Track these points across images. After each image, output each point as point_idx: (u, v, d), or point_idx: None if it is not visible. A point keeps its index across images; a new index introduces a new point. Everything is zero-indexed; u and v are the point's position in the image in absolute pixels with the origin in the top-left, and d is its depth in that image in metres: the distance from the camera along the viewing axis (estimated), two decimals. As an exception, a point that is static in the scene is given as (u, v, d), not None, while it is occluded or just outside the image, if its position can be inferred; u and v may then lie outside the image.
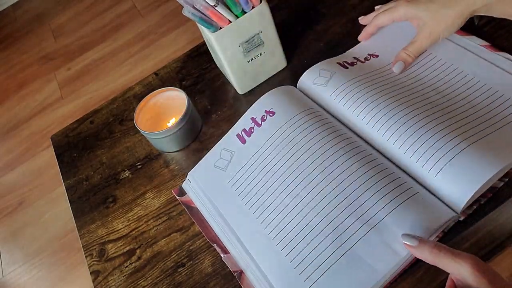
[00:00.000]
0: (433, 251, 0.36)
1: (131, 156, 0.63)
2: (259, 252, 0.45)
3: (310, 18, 0.69)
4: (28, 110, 1.89)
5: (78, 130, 0.70)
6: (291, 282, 0.41)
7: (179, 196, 0.55)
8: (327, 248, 0.41)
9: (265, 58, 0.61)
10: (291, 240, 0.43)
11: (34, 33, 2.29)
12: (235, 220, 0.48)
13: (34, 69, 2.07)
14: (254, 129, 0.52)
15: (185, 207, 0.54)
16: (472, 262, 0.33)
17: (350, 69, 0.54)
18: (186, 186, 0.55)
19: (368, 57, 0.57)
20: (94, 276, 0.52)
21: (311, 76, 0.56)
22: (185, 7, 0.51)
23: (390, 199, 0.40)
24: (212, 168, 0.53)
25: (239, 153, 0.52)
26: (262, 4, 0.55)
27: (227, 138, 0.54)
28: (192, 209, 0.53)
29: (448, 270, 0.35)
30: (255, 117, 0.53)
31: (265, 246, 0.44)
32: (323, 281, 0.40)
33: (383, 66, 0.54)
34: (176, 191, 0.56)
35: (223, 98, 0.65)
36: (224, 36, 0.55)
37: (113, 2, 2.23)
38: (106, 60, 1.93)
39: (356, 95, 0.50)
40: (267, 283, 0.43)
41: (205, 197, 0.52)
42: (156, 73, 0.72)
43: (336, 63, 0.56)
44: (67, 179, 0.64)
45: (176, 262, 0.51)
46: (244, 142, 0.52)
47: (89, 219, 0.58)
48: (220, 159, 0.53)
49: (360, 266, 0.39)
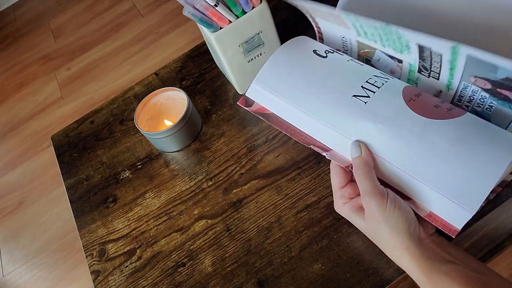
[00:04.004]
0: (360, 168, 0.40)
1: (131, 156, 0.63)
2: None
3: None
4: (28, 110, 1.89)
5: (78, 130, 0.70)
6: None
7: (247, 107, 0.49)
8: None
9: (265, 58, 0.61)
10: None
11: (34, 33, 2.29)
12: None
13: (34, 69, 2.07)
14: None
15: (260, 116, 0.48)
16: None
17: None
18: (254, 95, 0.48)
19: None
20: (94, 276, 0.53)
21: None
22: (185, 7, 0.51)
23: None
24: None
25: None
26: (262, 4, 0.55)
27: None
28: (269, 116, 0.47)
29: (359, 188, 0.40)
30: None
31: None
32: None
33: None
34: (242, 102, 0.49)
35: (223, 98, 0.65)
36: (224, 36, 0.55)
37: (113, 2, 2.23)
38: (106, 60, 1.94)
39: None
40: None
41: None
42: (156, 73, 0.72)
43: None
44: (67, 179, 0.64)
45: (176, 262, 0.51)
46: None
47: (89, 219, 0.58)
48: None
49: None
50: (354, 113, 0.42)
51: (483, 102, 0.42)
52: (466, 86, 0.43)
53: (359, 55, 0.52)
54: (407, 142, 0.39)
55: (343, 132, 0.42)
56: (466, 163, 0.37)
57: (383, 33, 0.45)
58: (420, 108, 0.40)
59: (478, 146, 0.38)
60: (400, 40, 0.44)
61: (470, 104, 0.44)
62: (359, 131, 0.41)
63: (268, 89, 0.47)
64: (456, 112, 0.40)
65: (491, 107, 0.42)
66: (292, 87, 0.46)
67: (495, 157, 0.37)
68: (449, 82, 0.44)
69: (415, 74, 0.47)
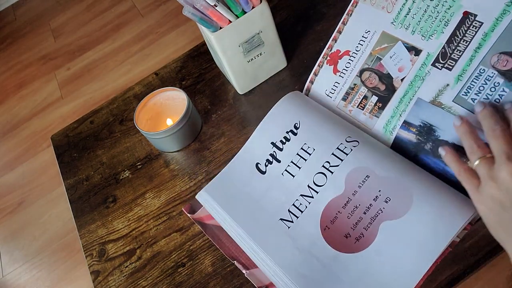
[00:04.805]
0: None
1: (131, 156, 0.63)
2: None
3: (310, 18, 0.69)
4: (28, 110, 1.89)
5: (78, 130, 0.70)
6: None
7: (190, 213, 0.54)
8: None
9: (265, 58, 0.61)
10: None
11: (34, 33, 2.29)
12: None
13: (34, 69, 2.07)
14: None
15: (199, 225, 0.52)
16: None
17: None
18: (201, 200, 0.54)
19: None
20: (94, 276, 0.52)
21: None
22: (185, 7, 0.51)
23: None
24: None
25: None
26: (262, 4, 0.55)
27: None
28: (206, 226, 0.52)
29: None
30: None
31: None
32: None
33: None
34: (187, 209, 0.54)
35: (223, 98, 0.65)
36: (224, 36, 0.55)
37: (113, 2, 2.23)
38: (106, 60, 1.93)
39: None
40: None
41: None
42: (156, 73, 0.72)
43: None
44: (67, 179, 0.64)
45: (176, 262, 0.51)
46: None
47: (89, 219, 0.58)
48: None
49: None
50: (278, 236, 0.47)
51: (494, 91, 0.43)
52: (481, 73, 0.44)
53: (371, 53, 0.54)
54: (315, 272, 0.44)
55: (268, 253, 0.46)
56: None
57: (435, 4, 0.49)
58: (332, 238, 0.45)
59: (376, 282, 0.41)
60: (450, 9, 0.48)
61: (477, 97, 0.44)
62: (280, 252, 0.46)
63: (216, 200, 0.52)
64: (363, 242, 0.43)
65: (501, 97, 0.43)
66: (234, 202, 0.51)
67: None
68: (462, 70, 0.46)
69: (426, 68, 0.49)
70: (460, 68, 0.46)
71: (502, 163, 0.34)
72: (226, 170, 0.54)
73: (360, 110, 0.53)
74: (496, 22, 0.45)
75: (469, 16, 0.46)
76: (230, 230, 0.50)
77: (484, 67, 0.44)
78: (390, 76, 0.53)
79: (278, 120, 0.54)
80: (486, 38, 0.45)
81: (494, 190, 0.35)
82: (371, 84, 0.53)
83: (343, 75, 0.56)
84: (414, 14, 0.51)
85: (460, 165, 0.39)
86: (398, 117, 0.50)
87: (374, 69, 0.54)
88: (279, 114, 0.54)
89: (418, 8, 0.51)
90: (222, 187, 0.53)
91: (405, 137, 0.49)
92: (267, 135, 0.54)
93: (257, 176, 0.52)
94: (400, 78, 0.51)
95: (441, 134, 0.46)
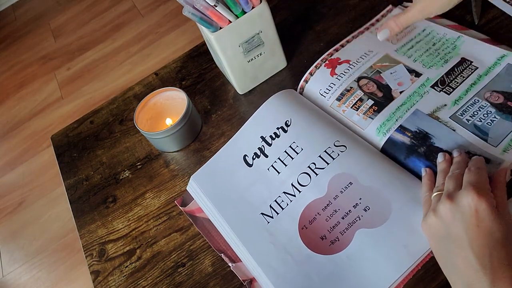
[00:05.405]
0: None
1: (131, 156, 0.63)
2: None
3: (310, 18, 0.70)
4: (28, 110, 1.89)
5: (78, 130, 0.70)
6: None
7: (182, 206, 0.54)
8: None
9: (265, 58, 0.61)
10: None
11: (34, 33, 2.29)
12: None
13: (34, 69, 2.07)
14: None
15: (190, 218, 0.53)
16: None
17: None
18: (190, 190, 0.55)
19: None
20: (94, 276, 0.52)
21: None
22: (185, 7, 0.51)
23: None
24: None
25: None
26: (262, 4, 0.55)
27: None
28: (197, 219, 0.53)
29: None
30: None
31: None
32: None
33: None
34: (179, 201, 0.55)
35: (223, 98, 0.65)
36: (224, 36, 0.55)
37: (113, 2, 2.23)
38: (106, 60, 1.93)
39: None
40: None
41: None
42: (156, 73, 0.72)
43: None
44: (67, 179, 0.64)
45: (176, 262, 0.51)
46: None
47: (89, 219, 0.58)
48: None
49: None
50: (257, 229, 0.48)
51: (486, 117, 0.48)
52: (476, 102, 0.49)
53: (372, 67, 0.56)
54: (287, 268, 0.44)
55: (245, 244, 0.47)
56: None
57: (436, 48, 0.56)
58: (308, 239, 0.45)
59: (344, 286, 0.42)
60: (449, 54, 0.54)
61: (472, 119, 0.48)
62: (256, 245, 0.47)
63: (202, 189, 0.53)
64: (337, 246, 0.44)
65: (493, 122, 0.47)
66: (219, 192, 0.52)
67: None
68: (459, 97, 0.50)
69: (425, 88, 0.52)
70: (457, 95, 0.50)
71: (444, 199, 0.39)
72: (214, 159, 0.55)
73: (354, 110, 0.53)
74: (489, 69, 0.51)
75: (466, 61, 0.53)
76: (215, 221, 0.51)
77: (478, 98, 0.49)
78: (389, 87, 0.53)
79: (270, 115, 0.54)
80: (480, 79, 0.51)
81: (433, 221, 0.40)
82: (368, 90, 0.54)
83: (340, 78, 0.57)
84: (417, 50, 0.57)
85: (425, 192, 0.44)
86: (394, 121, 0.50)
87: (373, 78, 0.55)
88: (272, 109, 0.55)
89: (421, 47, 0.57)
90: (209, 176, 0.54)
91: (399, 139, 0.49)
92: (257, 128, 0.54)
93: (244, 168, 0.52)
94: (399, 91, 0.53)
95: (436, 142, 0.47)
